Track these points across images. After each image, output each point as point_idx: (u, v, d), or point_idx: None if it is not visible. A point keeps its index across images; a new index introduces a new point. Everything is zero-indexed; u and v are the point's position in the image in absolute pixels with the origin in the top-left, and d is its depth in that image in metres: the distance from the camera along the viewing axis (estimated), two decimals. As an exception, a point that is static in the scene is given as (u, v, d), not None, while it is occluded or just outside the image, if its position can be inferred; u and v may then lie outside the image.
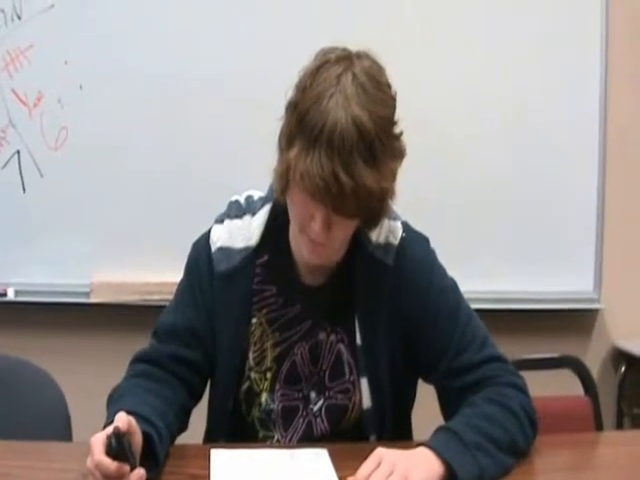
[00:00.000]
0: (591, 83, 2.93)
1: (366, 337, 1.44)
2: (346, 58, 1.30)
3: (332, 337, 1.46)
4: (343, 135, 1.23)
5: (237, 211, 1.49)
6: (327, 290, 1.46)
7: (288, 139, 1.30)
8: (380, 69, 1.33)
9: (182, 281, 1.52)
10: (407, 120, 1.32)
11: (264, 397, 1.47)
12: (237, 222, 1.48)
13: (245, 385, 1.47)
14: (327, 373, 1.46)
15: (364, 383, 1.44)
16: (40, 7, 2.73)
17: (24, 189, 2.78)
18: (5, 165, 2.77)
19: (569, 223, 2.97)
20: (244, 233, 1.46)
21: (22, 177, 2.77)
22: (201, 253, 1.49)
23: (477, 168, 2.90)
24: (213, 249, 1.47)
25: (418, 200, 2.78)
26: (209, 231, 1.50)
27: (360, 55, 1.32)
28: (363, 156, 1.24)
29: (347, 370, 1.46)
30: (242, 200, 1.51)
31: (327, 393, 1.46)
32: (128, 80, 2.77)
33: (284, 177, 1.31)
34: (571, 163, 2.95)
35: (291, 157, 1.27)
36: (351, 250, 1.42)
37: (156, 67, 2.77)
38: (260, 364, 1.47)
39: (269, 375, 1.47)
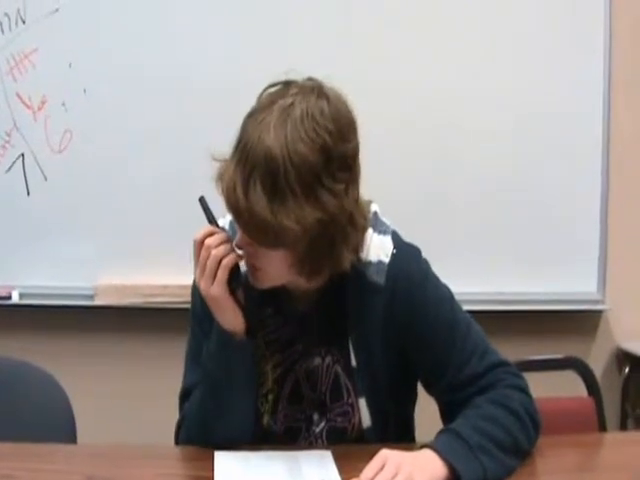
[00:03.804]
0: (594, 83, 2.92)
1: (361, 359, 1.41)
2: (302, 91, 1.28)
3: (328, 360, 1.45)
4: (250, 154, 1.24)
5: None
6: (317, 315, 1.44)
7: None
8: (335, 113, 1.27)
9: (192, 329, 1.49)
10: (411, 120, 1.32)
11: (266, 419, 1.46)
12: None
13: None
14: (327, 395, 1.45)
15: (362, 403, 1.43)
16: (44, 11, 2.73)
17: (28, 192, 2.78)
18: (9, 168, 2.77)
19: (573, 224, 2.96)
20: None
21: (26, 180, 2.77)
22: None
23: (480, 168, 2.89)
24: None
25: (421, 201, 2.79)
26: None
27: (322, 93, 1.28)
28: (263, 182, 1.24)
29: (345, 392, 1.45)
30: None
31: (328, 415, 1.45)
32: (132, 83, 2.77)
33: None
34: (575, 163, 2.94)
35: (224, 168, 1.30)
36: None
37: (160, 71, 2.77)
38: (261, 387, 1.45)
39: (270, 397, 1.46)
